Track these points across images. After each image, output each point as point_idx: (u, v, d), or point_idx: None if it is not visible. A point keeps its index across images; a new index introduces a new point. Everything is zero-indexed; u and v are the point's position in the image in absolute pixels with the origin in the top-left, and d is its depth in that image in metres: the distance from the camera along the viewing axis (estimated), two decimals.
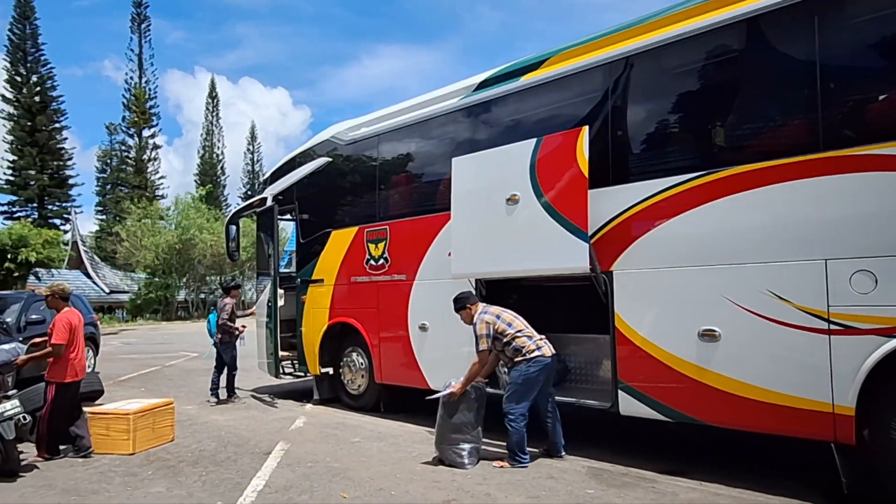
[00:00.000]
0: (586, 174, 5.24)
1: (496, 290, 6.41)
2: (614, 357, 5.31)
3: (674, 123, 5.38)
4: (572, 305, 6.31)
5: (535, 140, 5.66)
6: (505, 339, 5.41)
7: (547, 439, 5.64)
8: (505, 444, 5.47)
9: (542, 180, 5.55)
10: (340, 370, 8.40)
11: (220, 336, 9.12)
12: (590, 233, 5.25)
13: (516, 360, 5.38)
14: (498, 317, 5.49)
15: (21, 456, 5.54)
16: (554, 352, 5.48)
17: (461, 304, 5.72)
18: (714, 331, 4.69)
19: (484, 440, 5.60)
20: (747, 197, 4.57)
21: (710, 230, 4.76)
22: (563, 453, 5.61)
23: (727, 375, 4.62)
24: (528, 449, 5.42)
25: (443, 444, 5.47)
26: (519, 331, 5.43)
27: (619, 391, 5.26)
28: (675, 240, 4.96)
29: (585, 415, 6.31)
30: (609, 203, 5.33)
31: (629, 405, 5.21)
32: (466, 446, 5.39)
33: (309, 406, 8.55)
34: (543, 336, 5.55)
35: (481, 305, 5.69)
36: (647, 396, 5.09)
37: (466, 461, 5.32)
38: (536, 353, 5.34)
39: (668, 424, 5.23)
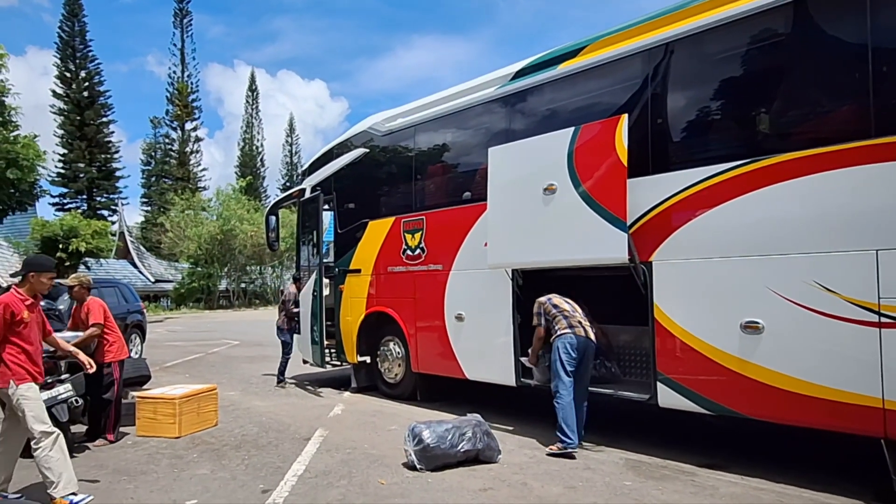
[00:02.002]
0: (625, 163, 5.17)
1: (533, 281, 6.38)
2: (653, 349, 5.24)
3: (716, 110, 5.25)
4: (610, 296, 6.25)
5: (572, 129, 5.60)
6: (548, 319, 5.68)
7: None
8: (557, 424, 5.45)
9: (580, 169, 5.49)
10: (377, 359, 8.50)
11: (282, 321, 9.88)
12: (629, 222, 5.18)
13: (551, 339, 5.60)
14: (549, 299, 5.77)
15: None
16: (587, 335, 5.54)
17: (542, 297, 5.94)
18: (757, 323, 4.58)
19: (520, 435, 5.61)
20: (794, 185, 4.44)
21: (754, 220, 4.64)
22: (581, 442, 5.62)
23: (770, 368, 4.51)
24: (545, 437, 5.46)
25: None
26: (561, 311, 5.64)
27: (659, 383, 5.19)
28: (717, 230, 4.85)
29: (623, 406, 6.25)
30: (649, 192, 5.24)
31: (668, 397, 5.14)
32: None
33: (347, 394, 8.69)
34: (588, 323, 5.63)
35: (546, 295, 5.90)
36: (686, 389, 5.02)
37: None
38: (567, 331, 5.50)
39: (708, 417, 5.15)
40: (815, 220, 4.35)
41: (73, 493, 4.27)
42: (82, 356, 5.02)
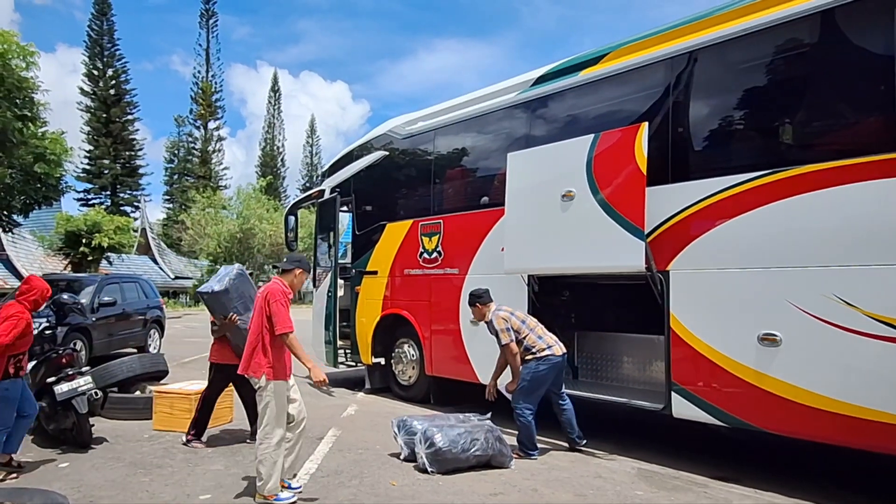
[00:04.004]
0: (644, 171, 5.15)
1: (548, 287, 6.38)
2: (668, 358, 5.21)
3: (738, 120, 5.21)
4: (626, 304, 6.22)
5: (592, 136, 5.59)
6: (519, 337, 5.54)
7: (563, 432, 5.74)
8: (517, 437, 5.58)
9: (599, 177, 5.48)
10: (392, 361, 8.54)
11: None
12: (646, 231, 5.16)
13: (527, 357, 5.51)
14: (512, 314, 5.63)
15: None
16: (564, 351, 5.56)
17: (475, 300, 5.80)
18: (775, 335, 4.54)
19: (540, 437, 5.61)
20: (815, 198, 4.39)
21: (775, 231, 4.60)
22: (584, 441, 5.69)
23: (788, 382, 4.46)
24: (558, 442, 5.65)
25: None
26: (531, 329, 5.57)
27: (673, 393, 5.16)
28: (736, 240, 4.81)
29: (636, 416, 6.21)
30: (667, 201, 5.21)
31: (683, 408, 5.10)
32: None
33: (360, 395, 8.72)
34: (554, 335, 5.62)
35: (493, 304, 5.76)
36: (701, 400, 4.98)
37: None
38: (547, 351, 5.46)
39: (722, 429, 5.11)
40: (836, 234, 4.30)
41: (278, 491, 4.29)
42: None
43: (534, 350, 5.47)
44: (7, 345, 4.62)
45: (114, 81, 51.24)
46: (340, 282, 9.14)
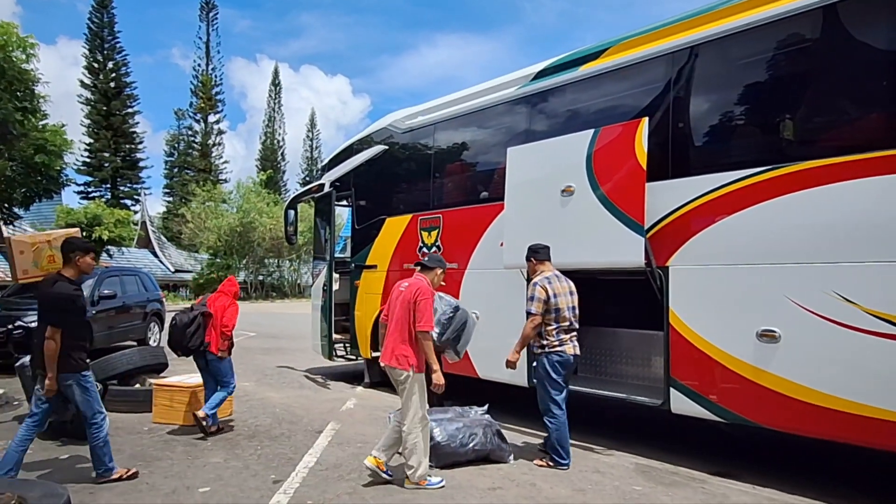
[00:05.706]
0: (644, 166, 5.14)
1: None
2: (667, 354, 5.21)
3: (739, 116, 5.20)
4: (625, 300, 6.22)
5: (592, 131, 5.58)
6: (545, 318, 5.18)
7: (548, 435, 5.27)
8: (547, 442, 5.29)
9: (599, 172, 5.47)
10: None
11: None
12: (646, 227, 5.16)
13: (536, 350, 5.25)
14: (556, 295, 5.14)
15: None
16: (577, 353, 5.24)
17: (532, 254, 5.41)
18: (774, 331, 4.54)
19: (530, 436, 5.60)
20: (816, 194, 4.38)
21: (775, 227, 4.59)
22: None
23: (787, 378, 4.47)
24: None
25: None
26: (557, 322, 5.15)
27: (672, 389, 5.17)
28: (736, 236, 4.81)
29: (635, 411, 6.22)
30: (667, 197, 5.21)
31: (681, 403, 5.11)
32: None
33: (360, 388, 8.74)
34: (574, 335, 5.29)
35: (551, 271, 5.32)
36: (700, 395, 4.98)
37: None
38: (558, 348, 5.14)
39: (721, 425, 5.11)
40: (836, 230, 4.29)
41: (428, 476, 4.57)
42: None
43: (543, 341, 5.18)
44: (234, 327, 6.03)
45: (114, 74, 51.03)
46: (336, 276, 9.16)
